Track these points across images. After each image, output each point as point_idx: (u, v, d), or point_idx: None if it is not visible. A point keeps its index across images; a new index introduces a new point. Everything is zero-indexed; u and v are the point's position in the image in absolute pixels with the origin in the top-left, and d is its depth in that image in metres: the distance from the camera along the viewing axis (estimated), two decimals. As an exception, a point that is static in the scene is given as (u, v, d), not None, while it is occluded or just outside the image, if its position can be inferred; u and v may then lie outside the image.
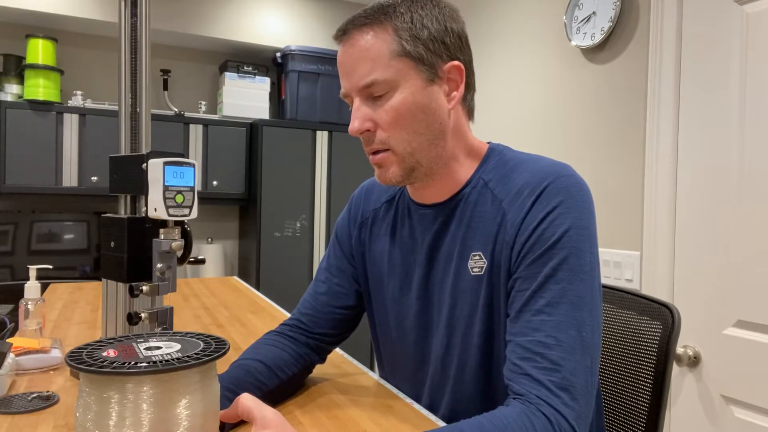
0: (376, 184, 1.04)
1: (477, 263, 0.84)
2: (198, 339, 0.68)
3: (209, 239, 3.31)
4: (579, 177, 0.81)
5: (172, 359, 0.60)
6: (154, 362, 0.58)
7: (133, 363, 0.58)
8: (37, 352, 1.05)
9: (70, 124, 2.74)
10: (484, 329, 0.83)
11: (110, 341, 0.67)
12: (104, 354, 0.61)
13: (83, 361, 0.58)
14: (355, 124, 0.83)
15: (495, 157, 0.89)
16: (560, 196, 0.78)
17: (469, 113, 0.90)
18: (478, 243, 0.84)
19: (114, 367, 0.57)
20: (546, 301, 0.74)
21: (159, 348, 0.64)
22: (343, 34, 0.85)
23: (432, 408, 0.92)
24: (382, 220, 0.99)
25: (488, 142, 0.92)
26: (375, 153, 0.85)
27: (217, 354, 0.62)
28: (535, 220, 0.78)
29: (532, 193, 0.80)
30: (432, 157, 0.85)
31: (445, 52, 0.84)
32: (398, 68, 0.81)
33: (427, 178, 0.87)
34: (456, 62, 0.84)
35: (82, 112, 2.77)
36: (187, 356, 0.61)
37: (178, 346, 0.65)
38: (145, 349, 0.64)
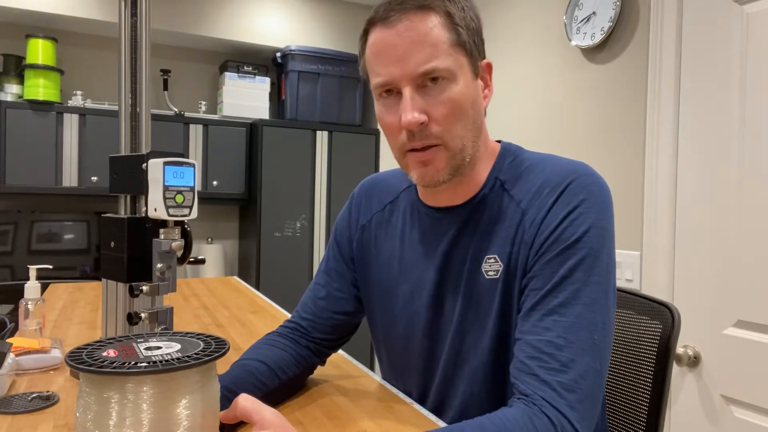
0: (376, 184, 1.02)
1: (492, 266, 0.81)
2: (198, 339, 0.68)
3: (209, 239, 3.31)
4: (599, 176, 0.80)
5: (172, 359, 0.60)
6: (154, 362, 0.58)
7: (133, 363, 0.58)
8: (37, 352, 1.05)
9: (70, 124, 2.74)
10: (497, 333, 0.81)
11: (110, 341, 0.67)
12: (104, 354, 0.61)
13: (83, 361, 0.58)
14: (413, 115, 0.76)
15: (509, 156, 0.86)
16: (582, 195, 0.77)
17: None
18: (494, 246, 0.82)
19: (114, 367, 0.57)
20: (560, 301, 0.73)
21: (159, 348, 0.64)
22: (396, 13, 0.77)
23: (441, 411, 0.90)
24: (387, 223, 0.96)
25: (499, 141, 0.90)
26: (419, 149, 0.79)
27: (217, 354, 0.62)
28: (557, 219, 0.76)
29: (553, 191, 0.78)
30: (473, 155, 0.82)
31: (482, 49, 0.82)
32: (456, 57, 0.77)
33: (459, 177, 0.83)
34: (487, 60, 0.83)
35: (82, 112, 2.77)
36: (187, 356, 0.61)
37: (178, 346, 0.65)
38: (145, 349, 0.64)
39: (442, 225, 0.88)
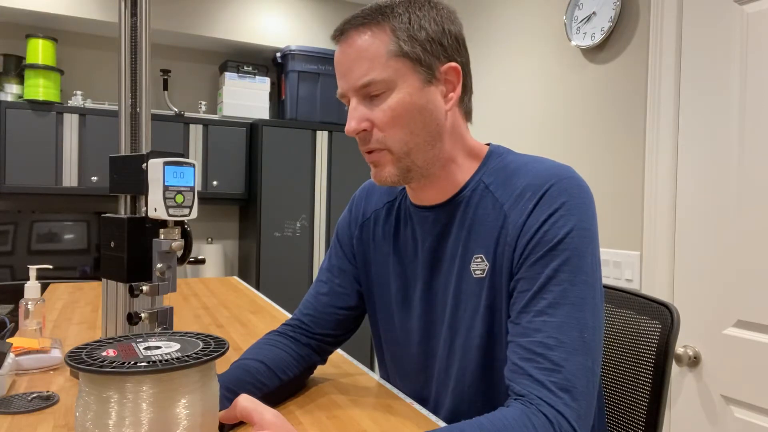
0: (377, 186, 1.04)
1: (479, 266, 0.84)
2: (198, 339, 0.68)
3: (209, 239, 3.31)
4: (581, 179, 0.81)
5: (172, 359, 0.60)
6: (154, 362, 0.58)
7: (132, 363, 0.58)
8: (37, 352, 1.05)
9: (70, 124, 2.74)
10: (485, 331, 0.83)
11: (110, 341, 0.67)
12: (104, 354, 0.61)
13: (83, 361, 0.58)
14: (351, 124, 0.83)
15: (495, 159, 0.88)
16: (562, 198, 0.78)
17: (467, 115, 0.90)
18: (480, 245, 0.84)
19: (113, 367, 0.57)
20: (547, 302, 0.74)
21: (158, 348, 0.64)
22: (340, 34, 0.85)
23: (435, 409, 0.92)
24: (384, 221, 0.99)
25: (488, 144, 0.92)
26: (370, 152, 0.85)
27: (216, 354, 0.62)
28: (537, 222, 0.78)
29: (534, 195, 0.80)
30: (428, 158, 0.85)
31: (442, 54, 0.84)
32: (396, 68, 0.81)
33: (423, 179, 0.87)
34: (453, 64, 0.84)
35: (82, 112, 2.77)
36: (187, 356, 0.61)
37: (177, 346, 0.65)
38: (144, 348, 0.64)
39: (428, 223, 0.90)
